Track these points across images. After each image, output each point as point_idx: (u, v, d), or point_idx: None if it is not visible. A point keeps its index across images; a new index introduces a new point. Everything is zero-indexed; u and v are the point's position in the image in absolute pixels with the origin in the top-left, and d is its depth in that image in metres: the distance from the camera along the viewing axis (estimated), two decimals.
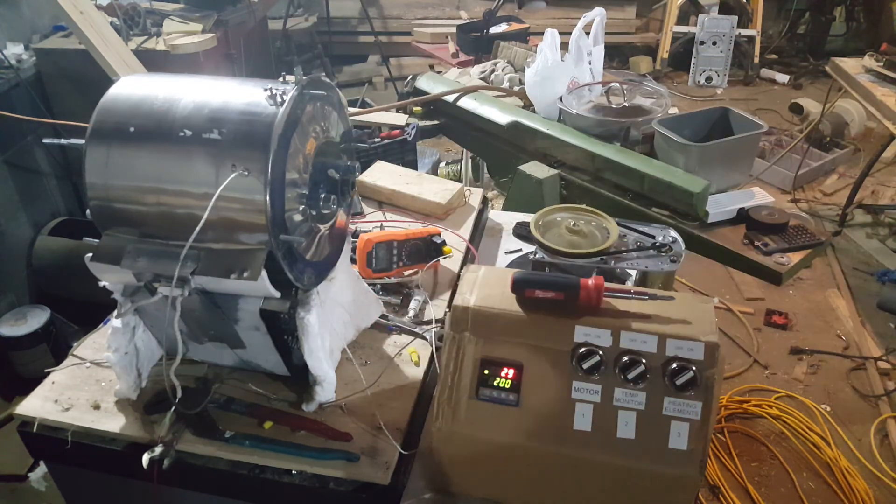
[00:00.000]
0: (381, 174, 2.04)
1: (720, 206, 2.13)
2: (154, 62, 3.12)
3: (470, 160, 3.89)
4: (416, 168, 2.43)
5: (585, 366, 1.05)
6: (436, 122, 2.92)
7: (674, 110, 2.50)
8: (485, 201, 2.06)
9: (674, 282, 1.55)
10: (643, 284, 1.48)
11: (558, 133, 2.45)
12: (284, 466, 1.23)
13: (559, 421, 1.07)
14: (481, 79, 3.19)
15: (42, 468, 2.53)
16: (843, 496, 2.47)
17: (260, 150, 1.08)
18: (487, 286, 1.15)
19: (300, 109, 1.15)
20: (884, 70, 3.16)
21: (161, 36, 3.29)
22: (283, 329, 1.25)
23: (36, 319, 2.85)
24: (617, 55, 6.47)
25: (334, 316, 1.39)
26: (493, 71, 3.22)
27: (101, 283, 1.25)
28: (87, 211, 1.19)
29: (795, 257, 2.00)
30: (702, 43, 5.86)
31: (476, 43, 4.01)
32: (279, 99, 1.11)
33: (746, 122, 2.27)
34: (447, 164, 4.27)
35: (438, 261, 1.70)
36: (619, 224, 1.48)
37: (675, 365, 1.04)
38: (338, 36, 6.26)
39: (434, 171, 4.00)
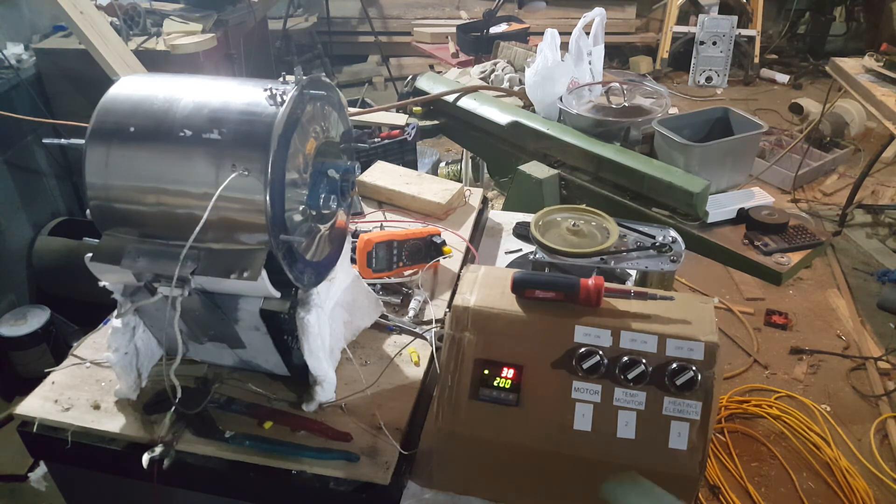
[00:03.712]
0: (381, 174, 2.04)
1: (720, 206, 2.13)
2: (154, 62, 3.12)
3: (470, 160, 3.88)
4: (416, 168, 2.43)
5: (585, 366, 1.05)
6: (436, 122, 2.92)
7: (674, 110, 2.50)
8: (485, 201, 2.06)
9: (674, 282, 1.55)
10: (643, 284, 1.48)
11: (558, 133, 2.45)
12: (284, 466, 1.23)
13: (559, 421, 1.07)
14: (481, 79, 3.19)
15: (42, 468, 2.52)
16: (843, 496, 2.47)
17: (260, 150, 1.08)
18: (487, 286, 1.15)
19: (300, 109, 1.15)
20: (884, 70, 3.15)
21: (161, 36, 3.29)
22: (283, 329, 1.25)
23: (36, 319, 2.85)
24: (617, 55, 6.47)
25: (334, 316, 1.39)
26: (493, 71, 3.22)
27: (101, 283, 1.25)
28: (87, 211, 1.19)
29: (795, 257, 2.00)
30: (702, 43, 5.86)
31: (476, 43, 4.01)
32: (279, 99, 1.11)
33: (746, 122, 2.27)
34: (447, 164, 4.27)
35: (438, 261, 1.70)
36: (619, 224, 1.48)
37: (675, 365, 1.04)
38: (338, 36, 6.27)
39: (434, 171, 4.00)
